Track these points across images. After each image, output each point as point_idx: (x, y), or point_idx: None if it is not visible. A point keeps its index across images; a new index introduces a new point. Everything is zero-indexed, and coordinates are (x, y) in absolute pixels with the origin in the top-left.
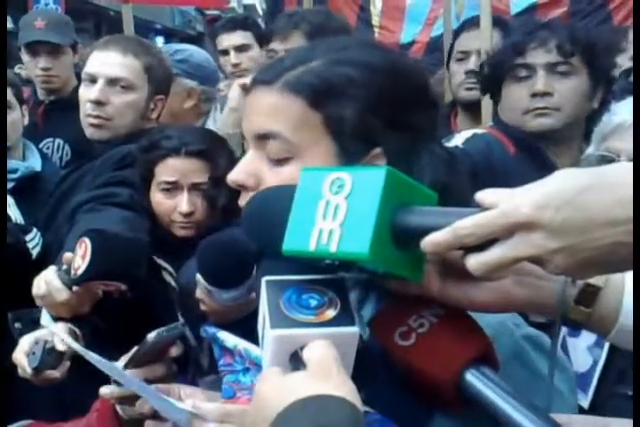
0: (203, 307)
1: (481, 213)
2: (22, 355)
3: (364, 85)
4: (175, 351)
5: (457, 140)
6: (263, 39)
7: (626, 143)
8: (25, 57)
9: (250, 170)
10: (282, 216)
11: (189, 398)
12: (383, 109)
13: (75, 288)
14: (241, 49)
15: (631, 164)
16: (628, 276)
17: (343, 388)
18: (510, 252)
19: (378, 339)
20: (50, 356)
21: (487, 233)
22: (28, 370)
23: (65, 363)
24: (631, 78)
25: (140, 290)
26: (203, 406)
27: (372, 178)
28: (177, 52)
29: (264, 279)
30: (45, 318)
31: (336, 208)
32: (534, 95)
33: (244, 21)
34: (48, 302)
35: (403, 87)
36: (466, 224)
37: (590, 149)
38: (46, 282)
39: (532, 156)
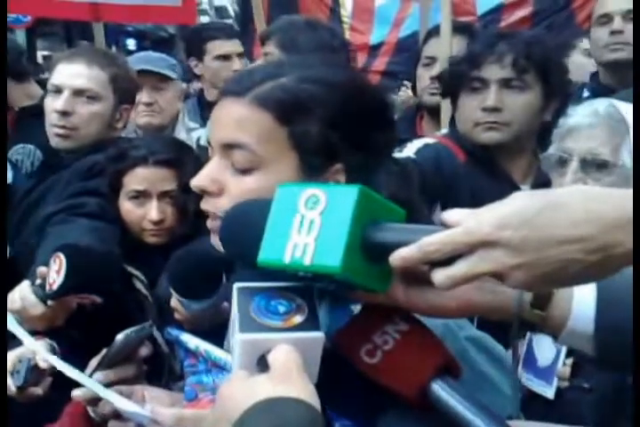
0: (176, 316)
1: (446, 231)
2: (6, 373)
3: (328, 103)
4: (144, 351)
5: (409, 150)
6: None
7: (578, 143)
8: None
9: (213, 176)
10: (257, 229)
11: (149, 403)
12: (345, 127)
13: (50, 302)
14: (240, 56)
15: (584, 187)
16: None
17: (303, 390)
18: (473, 267)
19: (344, 354)
20: (33, 373)
21: (451, 250)
22: (13, 389)
23: (47, 379)
24: (586, 93)
25: (113, 300)
26: (160, 411)
27: (345, 195)
28: (166, 58)
29: (235, 286)
30: (10, 321)
31: (310, 223)
32: (485, 109)
33: (236, 31)
34: (23, 317)
35: (364, 106)
36: (432, 241)
37: (551, 149)
38: (21, 297)
39: (482, 164)
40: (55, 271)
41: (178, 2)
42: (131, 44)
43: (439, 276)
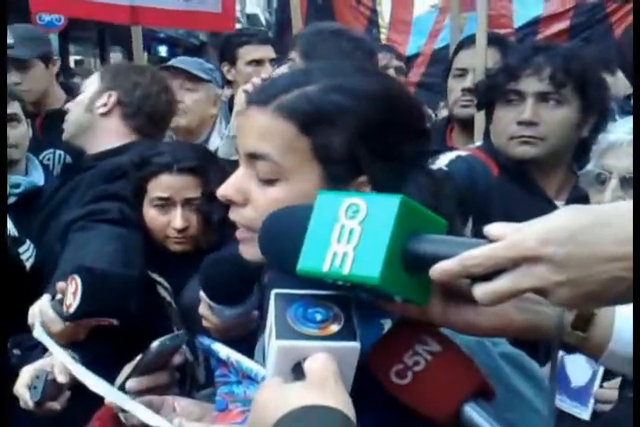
0: (205, 324)
1: (488, 244)
2: (24, 388)
3: (353, 115)
4: (178, 360)
5: (441, 161)
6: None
7: (619, 161)
8: None
9: (238, 186)
10: (297, 236)
11: (178, 417)
12: (371, 139)
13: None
14: (272, 62)
15: (629, 203)
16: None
17: (339, 399)
18: (516, 283)
19: (373, 373)
20: (51, 388)
21: (493, 264)
22: (30, 404)
23: (65, 394)
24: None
25: (134, 318)
26: (188, 425)
27: (386, 205)
28: (203, 62)
29: (273, 292)
30: (38, 330)
31: (350, 232)
32: (520, 123)
33: (268, 37)
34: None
35: (396, 116)
36: (474, 255)
37: (589, 166)
38: (41, 312)
39: (515, 178)
40: (72, 293)
41: (218, 8)
42: (162, 50)
43: (480, 291)
